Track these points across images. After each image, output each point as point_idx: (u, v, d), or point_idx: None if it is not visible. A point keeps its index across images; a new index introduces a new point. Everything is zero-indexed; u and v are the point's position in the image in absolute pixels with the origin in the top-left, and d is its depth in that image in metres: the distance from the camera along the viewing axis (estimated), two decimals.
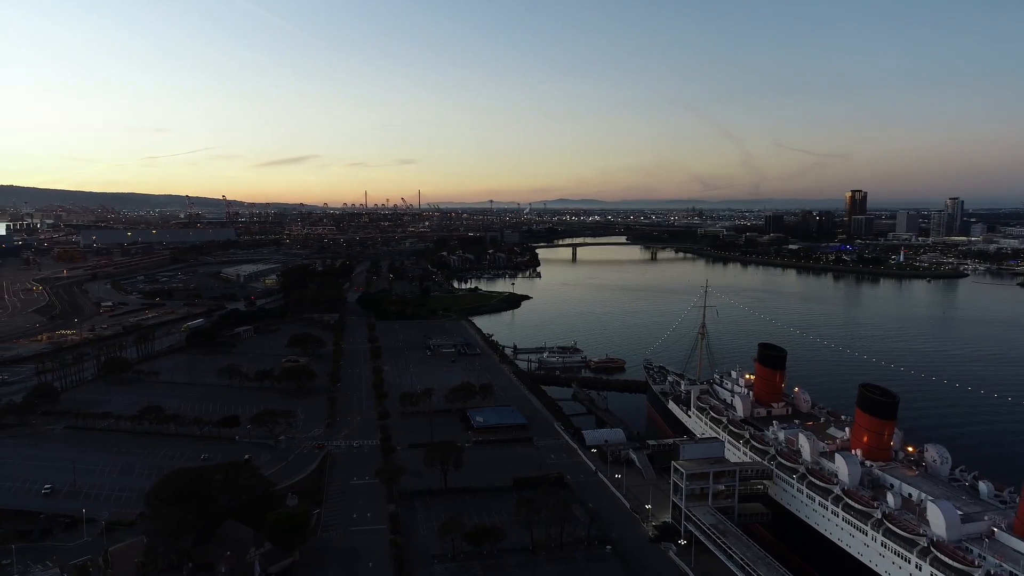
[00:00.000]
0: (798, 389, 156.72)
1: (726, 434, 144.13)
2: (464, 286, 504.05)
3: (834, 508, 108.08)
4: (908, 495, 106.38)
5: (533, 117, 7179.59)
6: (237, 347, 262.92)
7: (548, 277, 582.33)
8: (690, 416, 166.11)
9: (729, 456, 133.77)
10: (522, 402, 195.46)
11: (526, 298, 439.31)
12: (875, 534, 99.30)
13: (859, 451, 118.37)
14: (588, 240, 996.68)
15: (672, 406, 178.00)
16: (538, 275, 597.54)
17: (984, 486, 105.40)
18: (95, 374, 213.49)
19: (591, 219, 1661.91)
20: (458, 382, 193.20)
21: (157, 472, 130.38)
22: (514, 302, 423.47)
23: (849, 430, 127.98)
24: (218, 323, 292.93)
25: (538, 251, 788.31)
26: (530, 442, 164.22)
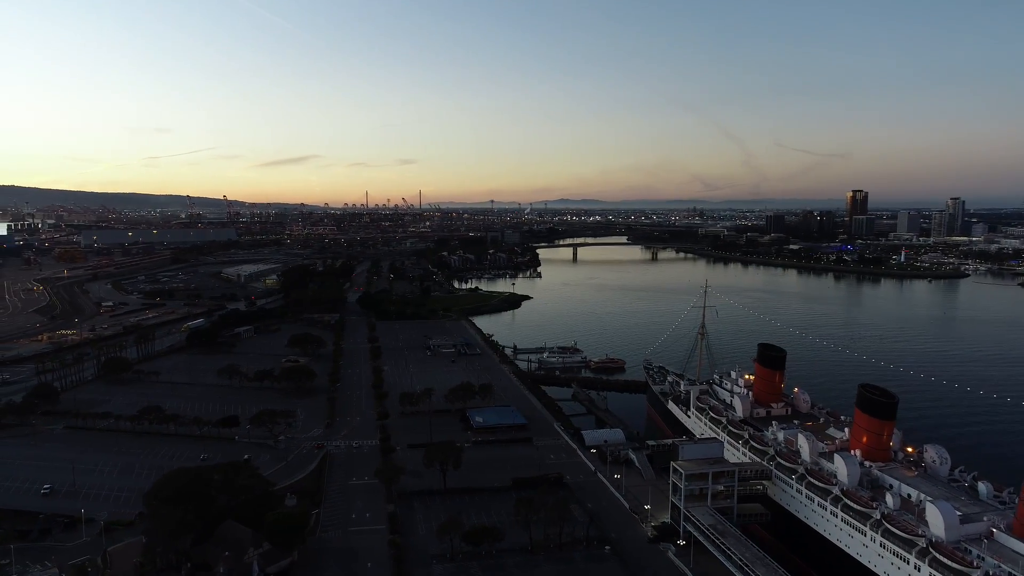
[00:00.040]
0: (798, 389, 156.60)
1: (725, 434, 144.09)
2: (465, 286, 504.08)
3: (833, 509, 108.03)
4: (907, 496, 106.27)
5: (534, 117, 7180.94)
6: (237, 347, 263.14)
7: (549, 277, 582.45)
8: (689, 416, 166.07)
9: (728, 456, 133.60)
10: (522, 402, 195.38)
11: (526, 298, 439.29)
12: (874, 535, 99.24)
13: (858, 451, 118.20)
14: (589, 240, 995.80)
15: (672, 406, 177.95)
16: (539, 275, 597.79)
17: (983, 487, 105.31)
18: (95, 374, 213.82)
19: (592, 219, 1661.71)
20: (458, 382, 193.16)
21: (156, 472, 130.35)
22: (514, 302, 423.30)
23: (848, 430, 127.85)
24: (218, 323, 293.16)
25: (539, 251, 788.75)
26: (530, 442, 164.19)
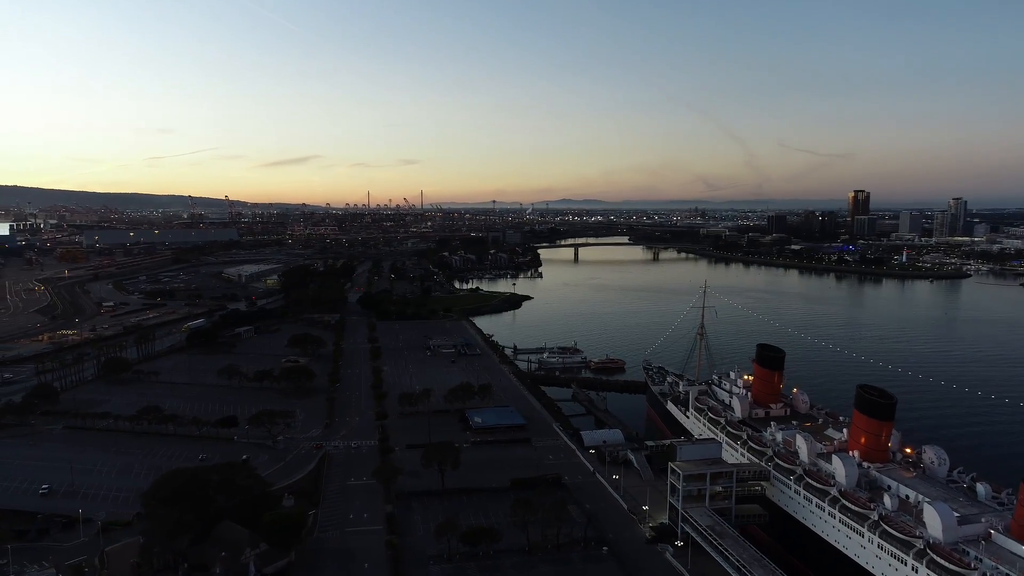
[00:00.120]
0: (797, 390, 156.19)
1: (724, 435, 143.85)
2: (465, 286, 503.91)
3: (831, 510, 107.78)
4: (905, 497, 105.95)
5: (537, 117, 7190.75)
6: (237, 347, 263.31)
7: (550, 277, 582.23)
8: (688, 417, 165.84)
9: (727, 457, 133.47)
10: (521, 403, 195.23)
11: (527, 298, 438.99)
12: (872, 536, 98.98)
13: (856, 452, 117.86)
14: (590, 240, 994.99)
15: (671, 407, 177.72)
16: (540, 275, 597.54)
17: (982, 488, 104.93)
18: (95, 374, 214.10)
19: (594, 219, 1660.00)
20: (457, 382, 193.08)
21: (155, 472, 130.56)
22: (515, 302, 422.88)
23: (847, 431, 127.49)
24: (219, 323, 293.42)
25: (540, 251, 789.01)
26: (528, 443, 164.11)
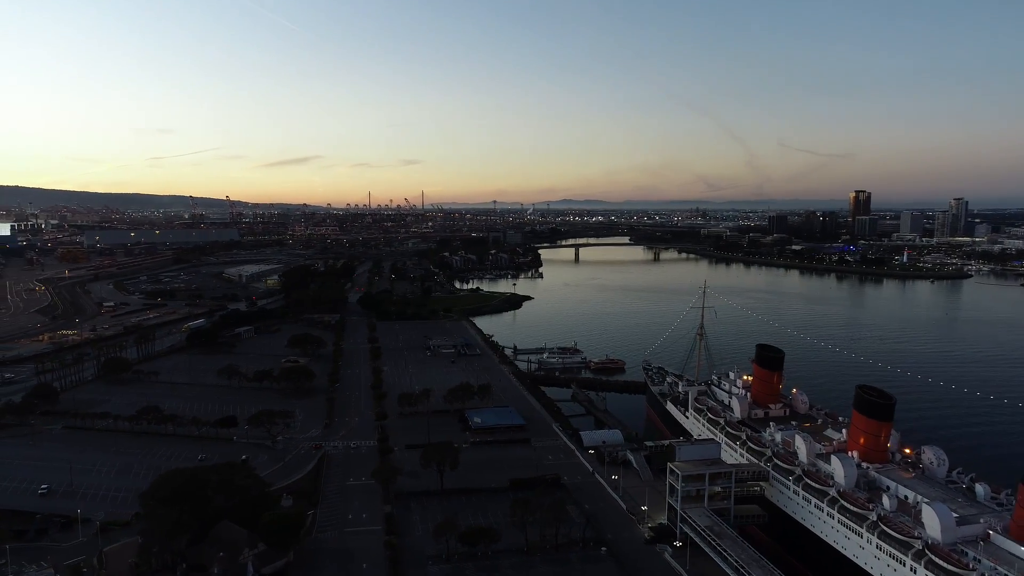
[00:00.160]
0: (796, 390, 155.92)
1: (723, 435, 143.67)
2: (466, 286, 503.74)
3: (830, 510, 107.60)
4: (904, 497, 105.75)
5: (538, 117, 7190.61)
6: (237, 347, 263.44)
7: (550, 278, 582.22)
8: (688, 417, 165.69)
9: (726, 458, 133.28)
10: (521, 403, 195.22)
11: (527, 299, 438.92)
12: (870, 536, 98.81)
13: (855, 453, 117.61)
14: (591, 241, 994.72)
15: (670, 407, 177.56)
16: (540, 276, 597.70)
17: (981, 488, 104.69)
18: (95, 374, 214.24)
19: (595, 220, 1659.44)
20: (457, 383, 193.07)
21: (154, 472, 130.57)
22: (515, 303, 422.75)
23: (846, 432, 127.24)
24: (219, 323, 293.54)
25: (541, 252, 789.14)
26: (528, 443, 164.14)
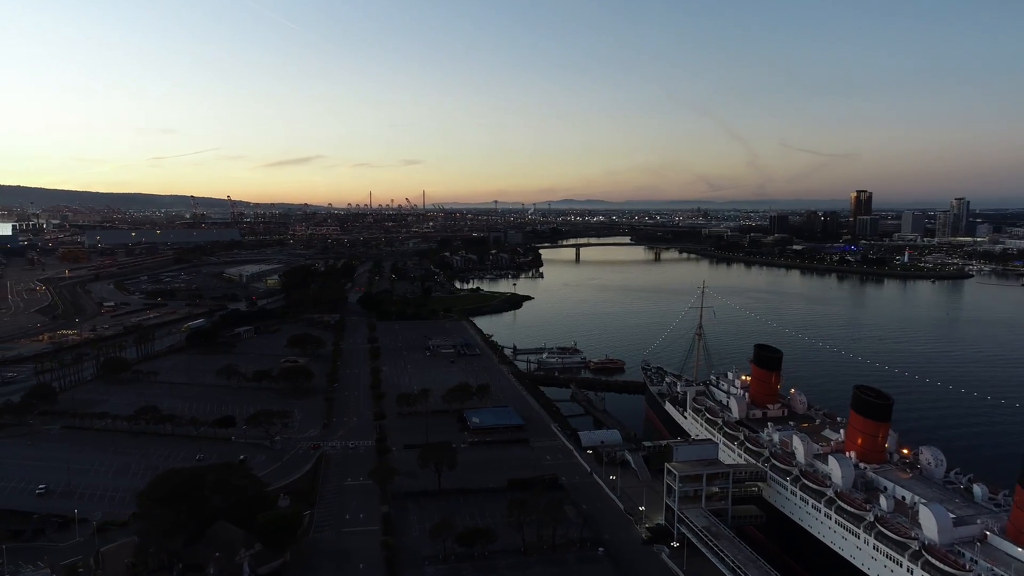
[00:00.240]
0: (794, 390, 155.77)
1: (721, 436, 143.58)
2: (466, 286, 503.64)
3: (827, 511, 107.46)
4: (901, 498, 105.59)
5: (540, 117, 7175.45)
6: (237, 347, 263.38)
7: (551, 278, 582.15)
8: (686, 417, 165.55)
9: (724, 458, 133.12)
10: (520, 403, 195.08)
11: (528, 298, 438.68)
12: (867, 537, 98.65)
13: (853, 453, 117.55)
14: (592, 240, 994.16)
15: (669, 407, 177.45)
16: (541, 276, 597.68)
17: (979, 489, 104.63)
18: (94, 374, 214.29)
19: (595, 219, 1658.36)
20: (456, 383, 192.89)
21: (152, 472, 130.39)
22: (516, 302, 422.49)
23: (844, 432, 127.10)
24: (219, 323, 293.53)
25: (541, 251, 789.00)
26: (526, 443, 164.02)
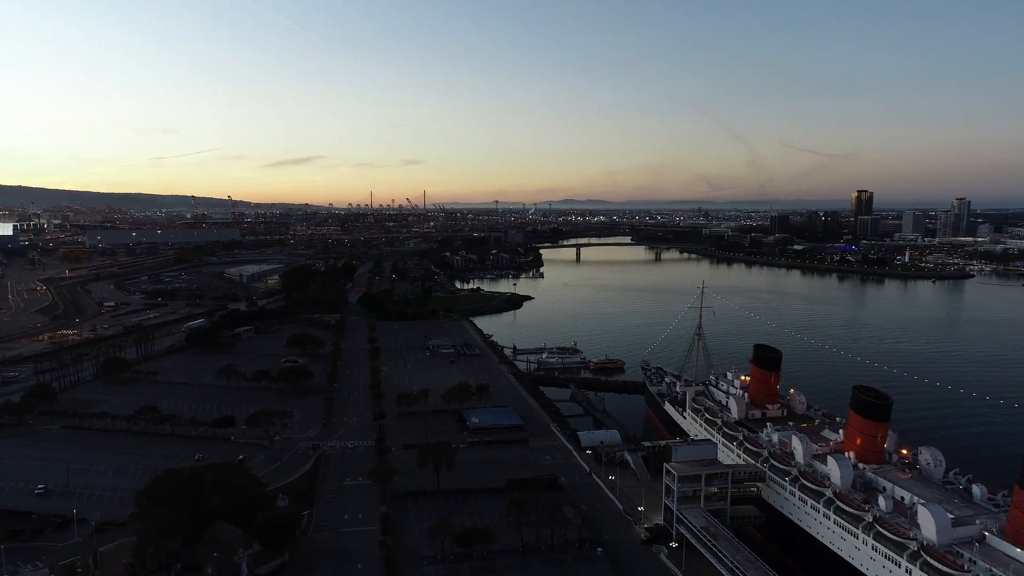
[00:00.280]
0: (793, 391, 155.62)
1: (720, 436, 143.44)
2: (467, 286, 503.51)
3: (826, 511, 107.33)
4: (900, 498, 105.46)
5: (540, 117, 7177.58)
6: (237, 347, 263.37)
7: (551, 278, 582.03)
8: (685, 418, 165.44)
9: (723, 458, 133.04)
10: (519, 403, 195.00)
11: (528, 298, 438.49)
12: (866, 537, 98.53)
13: (852, 453, 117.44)
14: (592, 240, 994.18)
15: (668, 407, 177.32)
16: (541, 276, 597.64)
17: (978, 489, 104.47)
18: (94, 374, 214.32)
19: (596, 219, 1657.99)
20: (456, 383, 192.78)
21: (151, 472, 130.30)
22: (516, 302, 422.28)
23: (843, 432, 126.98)
24: (219, 323, 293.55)
25: (542, 251, 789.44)
26: (526, 443, 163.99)
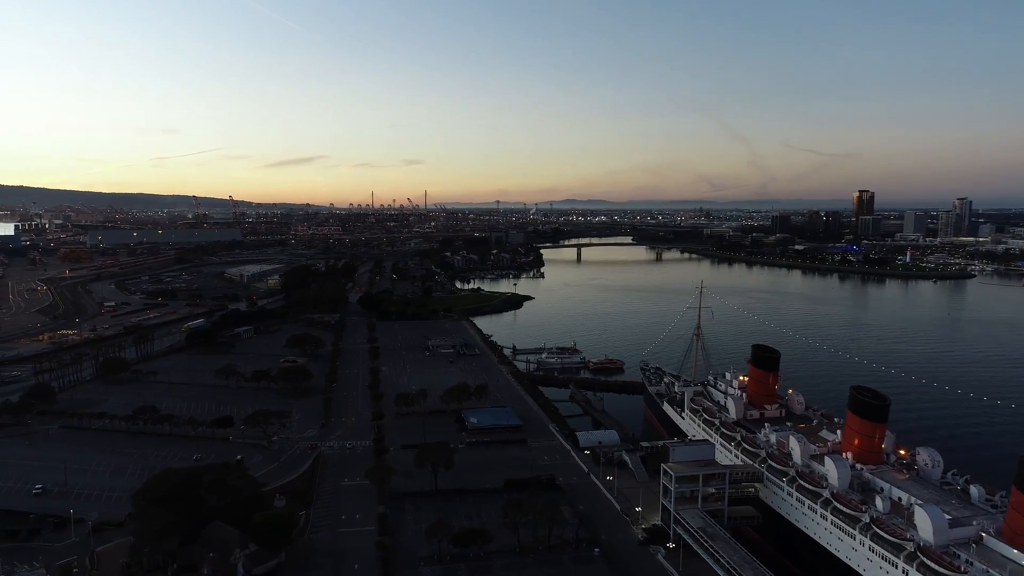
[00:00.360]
0: (792, 391, 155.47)
1: (718, 436, 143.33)
2: (467, 286, 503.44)
3: (823, 512, 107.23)
4: (898, 499, 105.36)
5: (541, 117, 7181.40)
6: (237, 347, 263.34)
7: (552, 278, 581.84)
8: (684, 418, 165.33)
9: (721, 458, 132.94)
10: (518, 403, 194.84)
11: (528, 298, 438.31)
12: (863, 538, 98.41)
13: (850, 454, 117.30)
14: (593, 240, 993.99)
15: (667, 408, 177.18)
16: (542, 276, 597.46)
17: (975, 490, 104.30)
18: (93, 374, 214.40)
19: (597, 219, 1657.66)
20: (455, 383, 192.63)
21: (149, 472, 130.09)
22: (516, 302, 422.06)
23: (841, 433, 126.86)
24: (218, 323, 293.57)
25: (543, 251, 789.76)
26: (524, 443, 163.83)
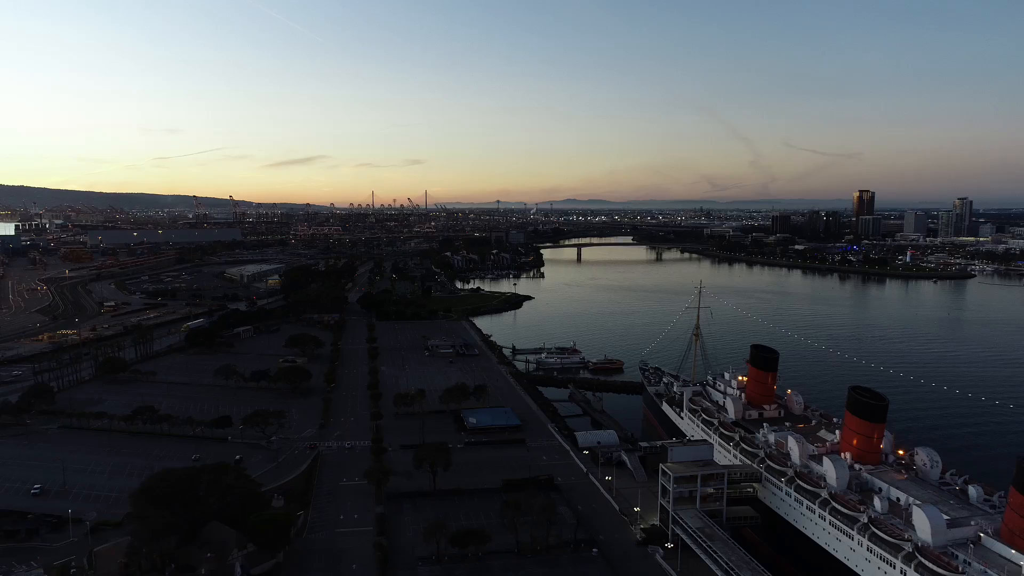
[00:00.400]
0: (791, 391, 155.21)
1: (717, 436, 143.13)
2: (467, 286, 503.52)
3: (821, 512, 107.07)
4: (896, 499, 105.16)
5: (542, 117, 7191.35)
6: (236, 347, 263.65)
7: (552, 278, 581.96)
8: (683, 418, 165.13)
9: (719, 459, 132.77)
10: (517, 403, 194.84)
11: (528, 298, 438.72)
12: (861, 538, 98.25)
13: (848, 454, 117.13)
14: (594, 240, 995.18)
15: (666, 408, 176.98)
16: (542, 275, 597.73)
17: (974, 490, 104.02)
18: (93, 374, 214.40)
19: (598, 219, 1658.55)
20: (454, 383, 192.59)
21: (148, 472, 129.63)
22: (516, 303, 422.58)
23: (840, 433, 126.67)
24: (218, 323, 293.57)
25: (543, 251, 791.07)
26: (523, 444, 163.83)
